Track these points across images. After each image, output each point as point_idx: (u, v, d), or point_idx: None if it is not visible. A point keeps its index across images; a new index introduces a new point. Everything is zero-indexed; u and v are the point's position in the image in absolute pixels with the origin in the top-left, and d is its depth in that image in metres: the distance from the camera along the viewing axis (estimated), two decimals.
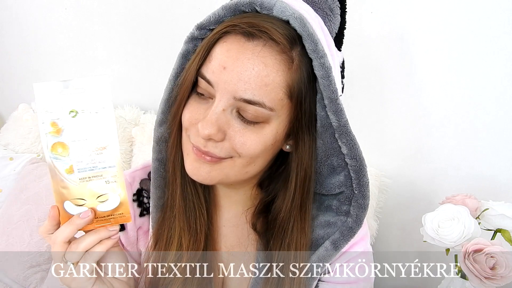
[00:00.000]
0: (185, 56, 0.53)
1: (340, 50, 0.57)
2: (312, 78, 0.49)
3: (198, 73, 0.49)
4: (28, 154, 1.51)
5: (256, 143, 0.49)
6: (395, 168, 1.15)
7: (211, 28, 0.51)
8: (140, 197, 0.64)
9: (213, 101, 0.48)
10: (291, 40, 0.46)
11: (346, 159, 0.53)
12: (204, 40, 0.50)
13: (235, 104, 0.47)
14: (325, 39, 0.50)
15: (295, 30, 0.47)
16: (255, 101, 0.46)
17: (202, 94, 0.50)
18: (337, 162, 0.54)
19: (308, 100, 0.50)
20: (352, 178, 0.54)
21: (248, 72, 0.45)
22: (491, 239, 0.87)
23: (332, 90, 0.48)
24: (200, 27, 0.51)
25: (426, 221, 0.87)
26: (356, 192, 0.55)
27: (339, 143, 0.52)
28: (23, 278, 1.21)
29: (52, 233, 0.46)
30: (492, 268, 0.79)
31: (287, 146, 0.55)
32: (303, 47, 0.47)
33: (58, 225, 0.46)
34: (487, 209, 0.88)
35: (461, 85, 0.98)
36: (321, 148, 0.53)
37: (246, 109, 0.47)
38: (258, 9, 0.48)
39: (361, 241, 0.61)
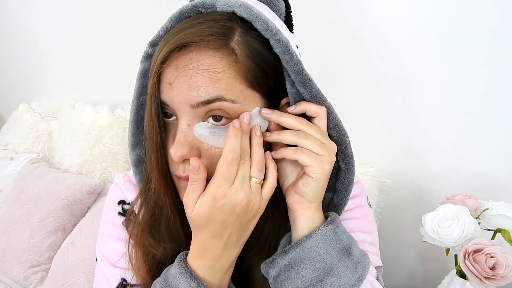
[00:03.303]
0: (144, 75, 0.51)
1: (292, 32, 0.55)
2: (272, 60, 0.47)
3: (157, 105, 0.47)
4: (28, 154, 1.51)
5: None
6: (395, 168, 1.16)
7: None
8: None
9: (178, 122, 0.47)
10: (225, 34, 0.45)
11: (329, 131, 0.51)
12: (150, 78, 0.48)
13: (196, 114, 0.45)
14: (275, 21, 0.49)
15: (240, 20, 0.46)
16: (213, 98, 0.44)
17: (169, 119, 0.49)
18: None
19: (274, 83, 0.48)
20: (337, 150, 0.51)
21: (193, 77, 0.44)
22: (491, 239, 0.87)
23: (295, 63, 0.46)
24: (153, 44, 0.50)
25: (426, 221, 0.88)
26: (342, 166, 0.52)
27: None
28: (23, 278, 1.21)
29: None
30: (492, 268, 0.79)
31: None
32: (243, 35, 0.46)
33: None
34: (487, 209, 0.88)
35: (461, 86, 0.99)
36: None
37: (209, 112, 0.45)
38: (202, 11, 0.48)
39: (356, 197, 0.60)
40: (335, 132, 0.51)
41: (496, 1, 0.89)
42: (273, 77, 0.48)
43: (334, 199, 0.54)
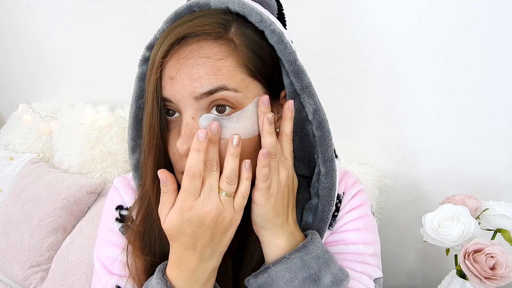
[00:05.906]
0: (142, 79, 0.51)
1: (286, 28, 0.56)
2: (269, 49, 0.48)
3: (158, 100, 0.46)
4: (28, 154, 1.51)
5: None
6: (395, 168, 1.15)
7: None
8: None
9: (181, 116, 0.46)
10: (223, 24, 0.45)
11: (313, 128, 0.51)
12: (150, 74, 0.47)
13: (200, 106, 0.45)
14: (269, 15, 0.50)
15: (234, 15, 0.47)
16: (216, 88, 0.44)
17: (171, 117, 0.48)
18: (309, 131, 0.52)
19: (272, 72, 0.48)
20: (318, 151, 0.51)
21: (195, 69, 0.44)
22: (491, 239, 0.87)
23: (289, 53, 0.47)
24: (150, 47, 0.50)
25: (426, 221, 0.88)
26: (321, 170, 0.51)
27: (306, 111, 0.49)
28: (23, 278, 1.21)
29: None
30: (492, 268, 0.79)
31: (277, 130, 0.51)
32: (239, 27, 0.46)
33: None
34: (487, 209, 0.88)
35: (461, 85, 0.98)
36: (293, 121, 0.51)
37: (212, 103, 0.45)
38: (197, 10, 0.48)
39: (359, 207, 0.59)
40: (318, 131, 0.50)
41: (496, 1, 0.88)
42: (272, 67, 0.48)
43: (318, 205, 0.54)
